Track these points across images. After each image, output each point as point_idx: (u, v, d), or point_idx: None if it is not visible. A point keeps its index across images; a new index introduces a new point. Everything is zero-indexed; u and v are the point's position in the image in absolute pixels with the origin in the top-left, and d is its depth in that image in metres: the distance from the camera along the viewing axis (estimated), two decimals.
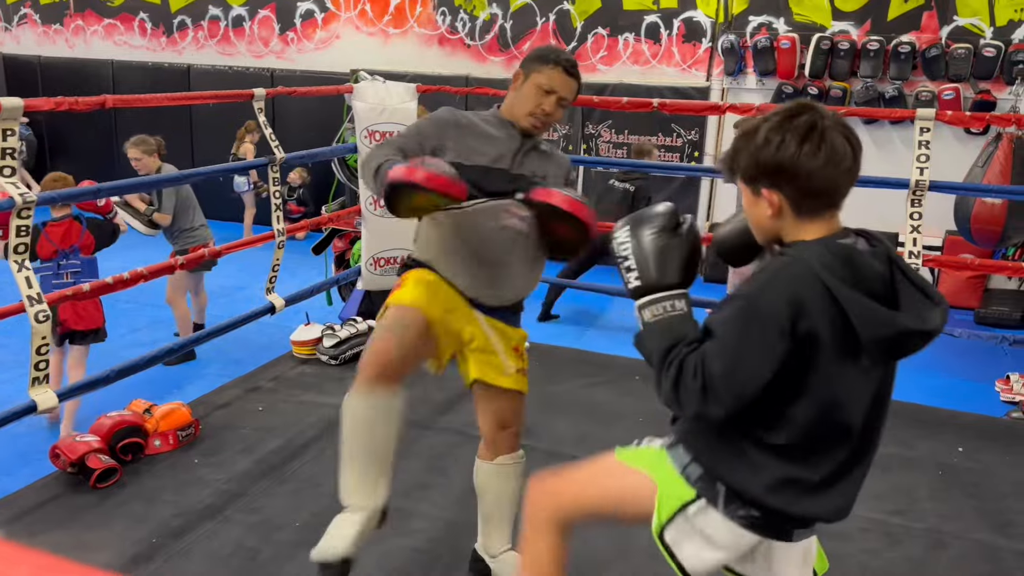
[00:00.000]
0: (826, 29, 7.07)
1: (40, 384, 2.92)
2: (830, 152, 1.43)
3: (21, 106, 2.69)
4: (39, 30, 9.85)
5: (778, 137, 1.44)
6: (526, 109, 2.41)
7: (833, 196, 1.49)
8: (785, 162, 1.44)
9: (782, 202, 1.49)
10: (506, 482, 2.60)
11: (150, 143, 4.79)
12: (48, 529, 2.99)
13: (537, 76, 2.39)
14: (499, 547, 2.66)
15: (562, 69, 2.38)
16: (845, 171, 1.46)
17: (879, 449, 1.68)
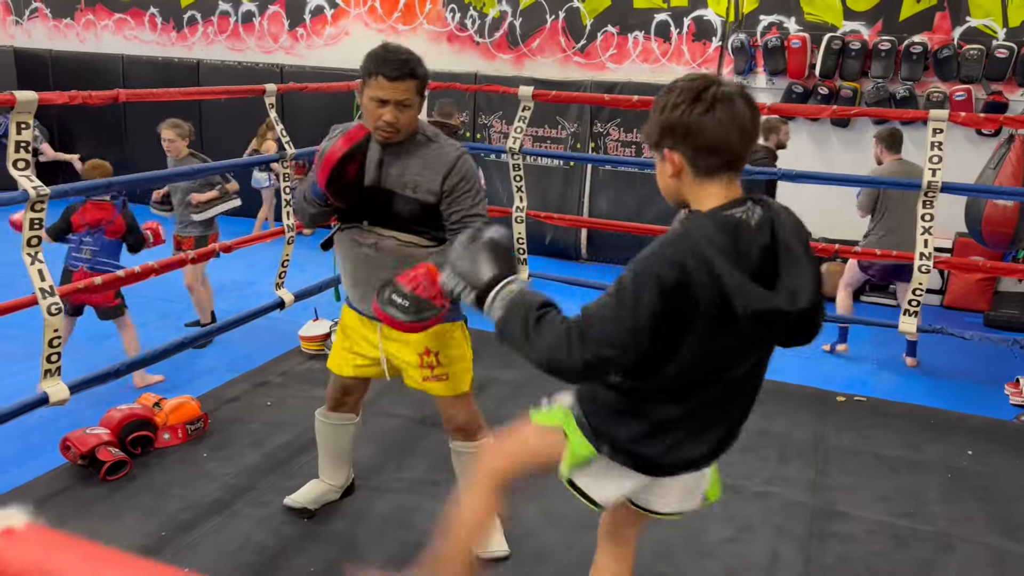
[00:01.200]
0: (837, 29, 7.03)
1: (52, 376, 2.93)
2: (723, 111, 1.52)
3: (36, 100, 2.70)
4: (50, 24, 9.87)
5: (676, 99, 1.55)
6: (370, 124, 2.40)
7: (727, 155, 1.57)
8: (681, 120, 1.54)
9: (682, 161, 1.58)
10: (459, 464, 2.85)
11: (183, 127, 4.95)
12: (57, 521, 3.00)
13: (368, 89, 2.36)
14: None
15: (383, 77, 2.32)
16: (738, 129, 1.54)
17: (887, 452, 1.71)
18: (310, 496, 3.10)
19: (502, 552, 2.82)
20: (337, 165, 2.34)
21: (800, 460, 3.70)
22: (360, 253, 2.58)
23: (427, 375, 2.70)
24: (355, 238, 2.57)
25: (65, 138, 9.56)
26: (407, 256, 2.52)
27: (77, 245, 4.25)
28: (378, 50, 2.41)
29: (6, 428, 3.17)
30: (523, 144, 4.53)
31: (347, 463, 3.16)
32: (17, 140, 2.69)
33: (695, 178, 1.59)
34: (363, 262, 2.59)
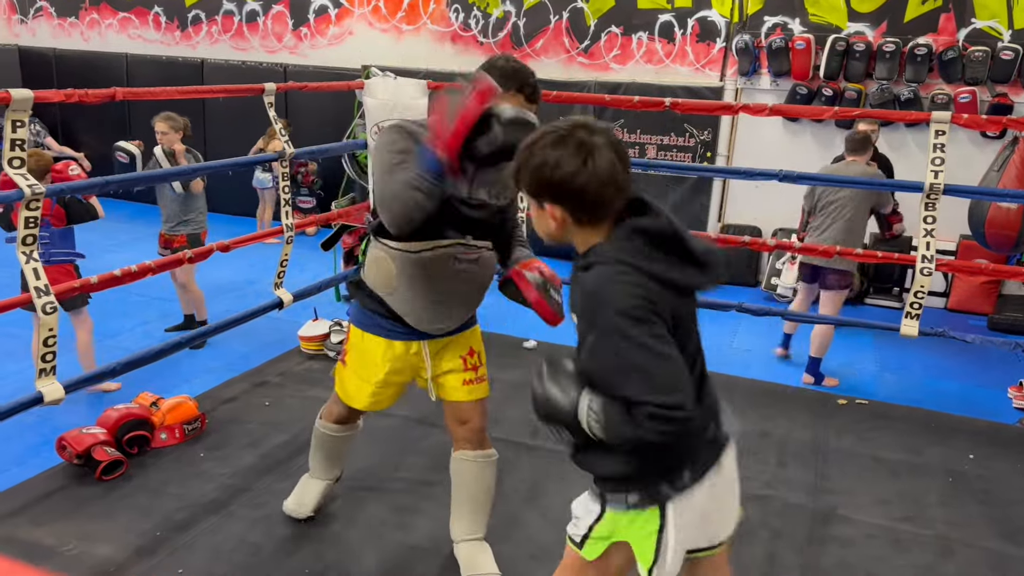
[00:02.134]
0: (842, 30, 7.00)
1: (47, 375, 2.92)
2: (600, 170, 1.56)
3: (31, 98, 2.69)
4: (54, 23, 9.89)
5: (554, 157, 1.57)
6: None
7: (607, 208, 1.62)
8: (561, 181, 1.58)
9: (564, 215, 1.62)
10: (467, 476, 2.74)
11: (177, 120, 4.94)
12: (53, 520, 3.00)
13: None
14: (457, 534, 2.79)
15: (525, 99, 2.25)
16: (615, 187, 1.59)
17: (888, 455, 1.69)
18: (313, 500, 3.01)
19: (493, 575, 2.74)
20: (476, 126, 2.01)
21: (800, 463, 3.68)
22: (461, 269, 2.43)
23: (471, 378, 2.64)
24: (458, 256, 2.40)
25: (68, 136, 9.57)
26: (491, 265, 2.53)
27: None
28: (512, 65, 2.27)
29: (4, 427, 3.17)
30: None
31: (344, 459, 3.08)
32: (13, 138, 2.68)
33: (578, 226, 1.65)
34: (462, 279, 2.45)
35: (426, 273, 2.40)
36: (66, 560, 2.76)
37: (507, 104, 2.14)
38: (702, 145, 7.70)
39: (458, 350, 2.63)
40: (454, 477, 2.76)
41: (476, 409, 2.68)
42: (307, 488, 3.04)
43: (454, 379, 2.63)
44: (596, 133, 1.59)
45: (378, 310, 2.53)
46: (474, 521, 2.77)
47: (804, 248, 4.53)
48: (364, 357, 2.61)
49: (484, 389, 2.69)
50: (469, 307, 2.60)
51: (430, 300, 2.45)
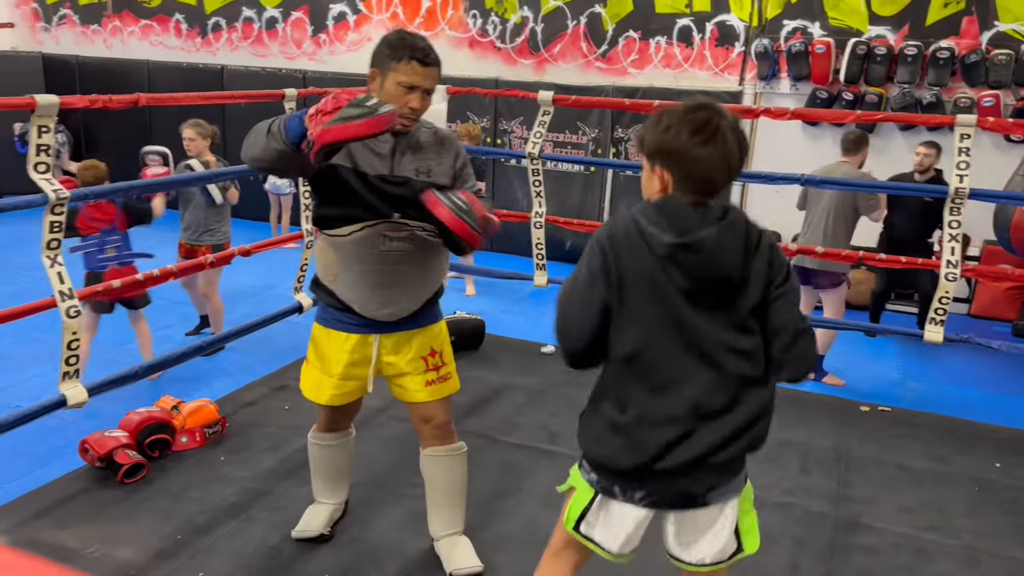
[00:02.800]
0: (862, 34, 6.95)
1: (70, 379, 2.94)
2: (717, 148, 1.65)
3: (57, 103, 2.72)
4: (78, 30, 10.01)
5: (677, 125, 1.67)
6: None
7: (710, 185, 1.69)
8: (677, 148, 1.67)
9: (669, 181, 1.71)
10: (439, 472, 2.77)
11: (205, 127, 4.99)
12: (76, 523, 3.02)
13: (395, 75, 2.30)
14: (436, 531, 2.84)
15: (418, 62, 2.29)
16: (726, 167, 1.67)
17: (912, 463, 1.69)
18: (318, 521, 2.95)
19: (475, 568, 2.74)
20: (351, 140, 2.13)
21: (822, 471, 3.64)
22: (389, 250, 2.43)
23: (432, 378, 2.63)
24: (384, 233, 2.41)
25: (90, 143, 9.67)
26: (431, 246, 2.48)
27: (100, 247, 4.26)
28: (401, 37, 2.33)
29: (29, 430, 3.19)
30: (543, 149, 4.50)
31: (347, 480, 3.02)
32: (38, 143, 2.71)
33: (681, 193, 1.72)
34: (391, 261, 2.44)
35: (359, 254, 2.43)
36: (88, 562, 2.77)
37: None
38: None
39: (418, 351, 2.61)
40: (426, 475, 2.78)
41: (440, 406, 2.69)
42: (313, 514, 2.98)
43: (416, 380, 2.62)
44: (724, 116, 1.67)
45: (332, 303, 2.57)
46: (452, 516, 2.81)
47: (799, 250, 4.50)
48: (324, 352, 2.62)
49: (448, 387, 2.69)
50: (415, 291, 2.54)
51: (370, 283, 2.46)
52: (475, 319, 5.07)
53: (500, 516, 3.17)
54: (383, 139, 2.37)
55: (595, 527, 1.88)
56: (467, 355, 4.92)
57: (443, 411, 2.70)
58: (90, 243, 4.22)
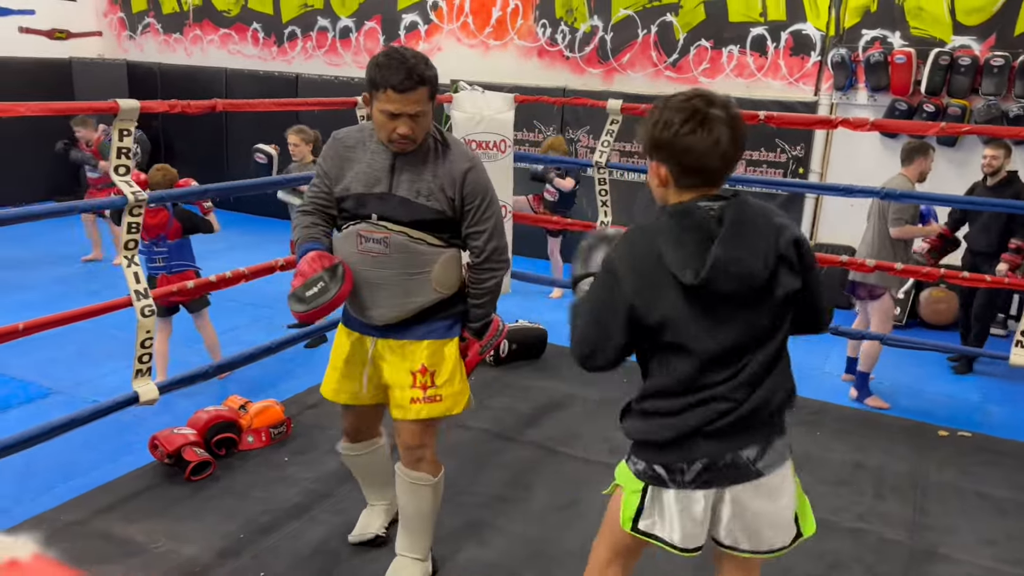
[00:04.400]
0: (945, 44, 6.70)
1: (143, 376, 3.01)
2: (707, 136, 1.66)
3: (137, 108, 2.80)
4: (160, 39, 10.37)
5: (666, 118, 1.69)
6: (383, 136, 2.33)
7: (706, 175, 1.72)
8: (667, 141, 1.70)
9: (667, 174, 1.74)
10: (403, 492, 2.67)
11: (308, 133, 5.21)
12: (144, 517, 3.09)
13: (378, 104, 2.27)
14: (397, 547, 2.75)
15: (392, 90, 2.22)
16: (719, 155, 1.69)
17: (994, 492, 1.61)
18: (374, 525, 2.98)
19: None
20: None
21: (897, 496, 3.49)
22: (366, 250, 2.41)
23: (418, 396, 2.51)
24: (361, 232, 2.40)
25: (169, 149, 10.01)
26: (416, 253, 2.41)
27: (149, 254, 4.38)
28: (381, 58, 2.27)
29: (104, 425, 3.28)
30: (610, 158, 4.46)
31: (391, 480, 2.81)
32: (119, 146, 2.79)
33: (677, 189, 1.76)
34: (369, 262, 2.41)
35: (343, 252, 2.46)
36: (154, 557, 2.83)
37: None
38: (794, 161, 7.49)
39: (408, 364, 2.52)
40: (398, 491, 2.70)
41: (414, 429, 2.56)
42: (369, 517, 3.02)
43: (400, 394, 2.53)
44: (714, 105, 1.68)
45: None
46: (411, 540, 2.71)
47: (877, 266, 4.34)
48: (334, 348, 2.69)
49: (435, 409, 2.53)
50: (398, 298, 2.45)
51: (356, 282, 2.44)
52: (538, 328, 5.04)
53: (559, 529, 3.12)
54: (382, 157, 2.39)
55: (654, 521, 1.84)
56: (530, 364, 4.89)
57: (415, 434, 2.57)
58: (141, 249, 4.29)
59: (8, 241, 7.22)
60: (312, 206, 2.51)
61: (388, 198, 2.38)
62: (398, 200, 2.37)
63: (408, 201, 2.37)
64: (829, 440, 3.98)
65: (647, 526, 1.84)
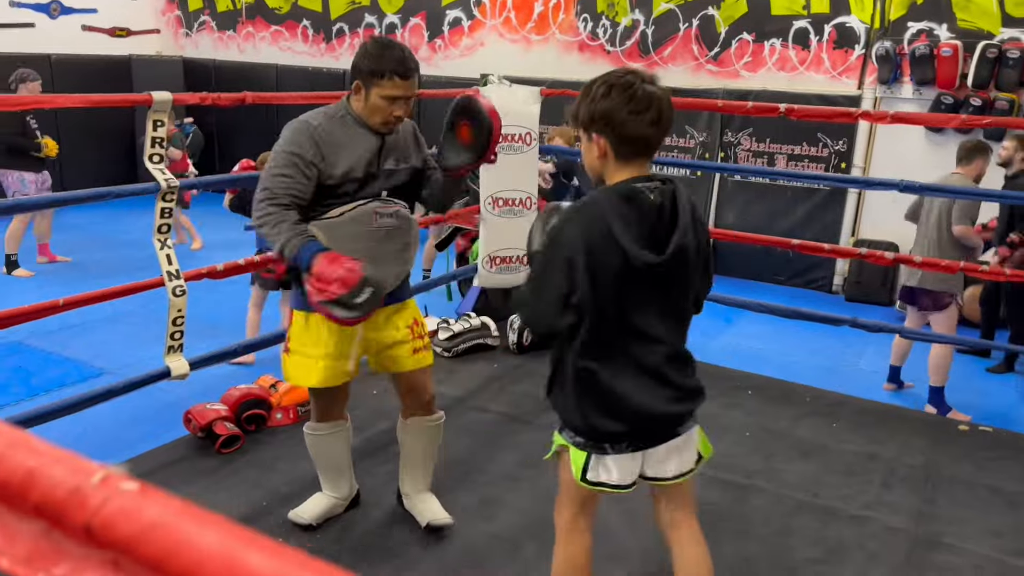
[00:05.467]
0: (994, 36, 6.56)
1: (174, 352, 3.21)
2: (642, 106, 1.79)
3: (170, 100, 2.99)
4: (215, 36, 10.74)
5: (604, 91, 1.82)
6: (378, 119, 2.52)
7: (644, 144, 1.86)
8: (607, 112, 1.81)
9: (606, 146, 1.85)
10: (416, 438, 2.97)
11: None
12: (175, 486, 3.28)
13: (378, 89, 2.46)
14: (409, 489, 3.06)
15: (399, 77, 2.45)
16: (653, 123, 1.82)
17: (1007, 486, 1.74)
18: (315, 512, 3.03)
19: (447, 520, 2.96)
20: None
21: (906, 487, 3.50)
22: (380, 227, 2.61)
23: (419, 346, 2.81)
24: (377, 210, 2.60)
25: (224, 144, 10.37)
26: (411, 221, 2.72)
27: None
28: (379, 49, 2.48)
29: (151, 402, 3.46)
30: None
31: (348, 473, 3.08)
32: (153, 136, 2.99)
33: (616, 161, 1.87)
34: (383, 236, 2.62)
35: (352, 232, 2.55)
36: None
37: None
38: (836, 156, 7.41)
39: (404, 320, 2.78)
40: (405, 441, 2.98)
41: (425, 376, 2.88)
42: (315, 502, 3.06)
43: (405, 349, 2.77)
44: (649, 81, 1.83)
45: None
46: (425, 477, 3.05)
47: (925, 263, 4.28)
48: (311, 336, 2.69)
49: (430, 356, 2.88)
50: (400, 267, 2.72)
51: (363, 259, 2.49)
52: None
53: None
54: (366, 140, 2.58)
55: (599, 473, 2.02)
56: None
57: (430, 382, 2.92)
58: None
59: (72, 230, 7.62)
60: (289, 199, 2.47)
61: (385, 174, 2.61)
62: (388, 172, 2.62)
63: (395, 171, 2.64)
64: (845, 431, 3.99)
65: (595, 477, 2.03)
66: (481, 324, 4.83)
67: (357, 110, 2.55)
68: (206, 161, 10.05)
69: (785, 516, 3.20)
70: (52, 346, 4.97)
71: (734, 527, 3.08)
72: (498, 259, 4.75)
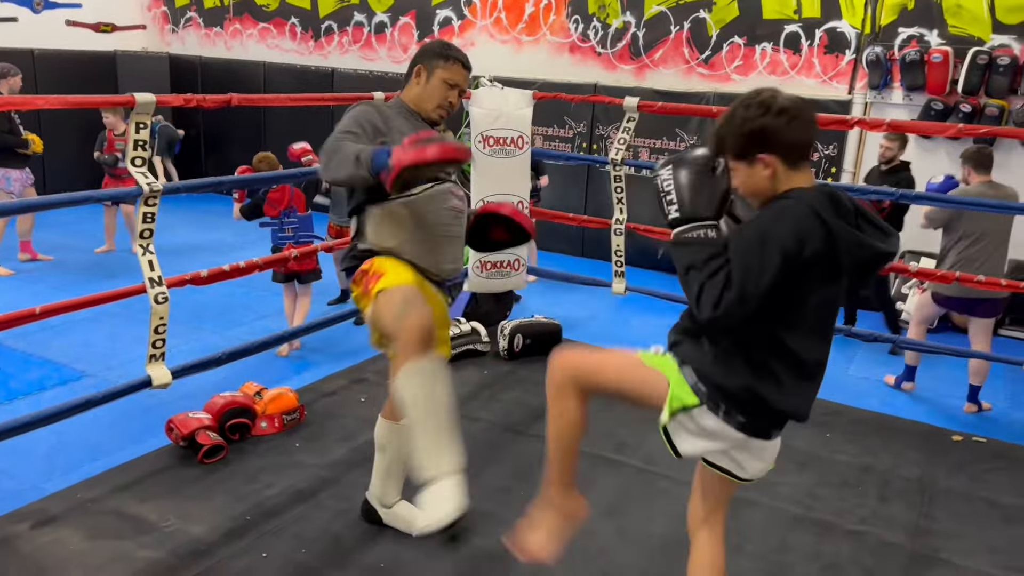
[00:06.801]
0: (984, 43, 6.55)
1: (156, 361, 3.12)
2: (795, 113, 1.82)
3: (153, 102, 2.90)
4: (202, 32, 10.60)
5: (753, 112, 1.82)
6: (434, 103, 2.65)
7: (808, 147, 1.88)
8: (767, 126, 1.81)
9: (775, 161, 1.83)
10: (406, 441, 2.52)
11: None
12: (156, 497, 3.20)
13: (441, 72, 2.62)
14: (393, 498, 2.98)
15: (462, 64, 2.65)
16: (810, 125, 1.85)
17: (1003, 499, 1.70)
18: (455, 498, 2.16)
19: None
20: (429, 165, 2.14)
21: (903, 500, 3.46)
22: (452, 207, 2.65)
23: (447, 335, 2.85)
24: (452, 191, 2.66)
25: (211, 144, 10.24)
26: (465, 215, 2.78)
27: (280, 227, 4.85)
28: (446, 44, 2.70)
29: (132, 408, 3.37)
30: (627, 156, 4.47)
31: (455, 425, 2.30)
32: (136, 139, 2.90)
33: (787, 171, 1.85)
34: (451, 218, 2.65)
35: (431, 210, 2.58)
36: (163, 535, 2.94)
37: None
38: (826, 160, 7.39)
39: (443, 309, 2.77)
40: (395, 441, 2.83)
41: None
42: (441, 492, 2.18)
43: (444, 334, 2.78)
44: (778, 92, 1.84)
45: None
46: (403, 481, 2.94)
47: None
48: (397, 269, 2.49)
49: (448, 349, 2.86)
50: (460, 248, 2.77)
51: (439, 236, 2.61)
52: (553, 323, 5.07)
53: None
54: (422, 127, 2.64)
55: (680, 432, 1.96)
56: (542, 359, 4.85)
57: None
58: (273, 223, 4.83)
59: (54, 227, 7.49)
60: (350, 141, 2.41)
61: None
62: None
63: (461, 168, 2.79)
64: (840, 442, 3.95)
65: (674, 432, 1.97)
66: (471, 329, 4.77)
67: (412, 96, 2.67)
68: (191, 162, 9.93)
69: (781, 531, 3.15)
70: (31, 347, 4.86)
71: (729, 542, 2.98)
72: (488, 263, 4.68)
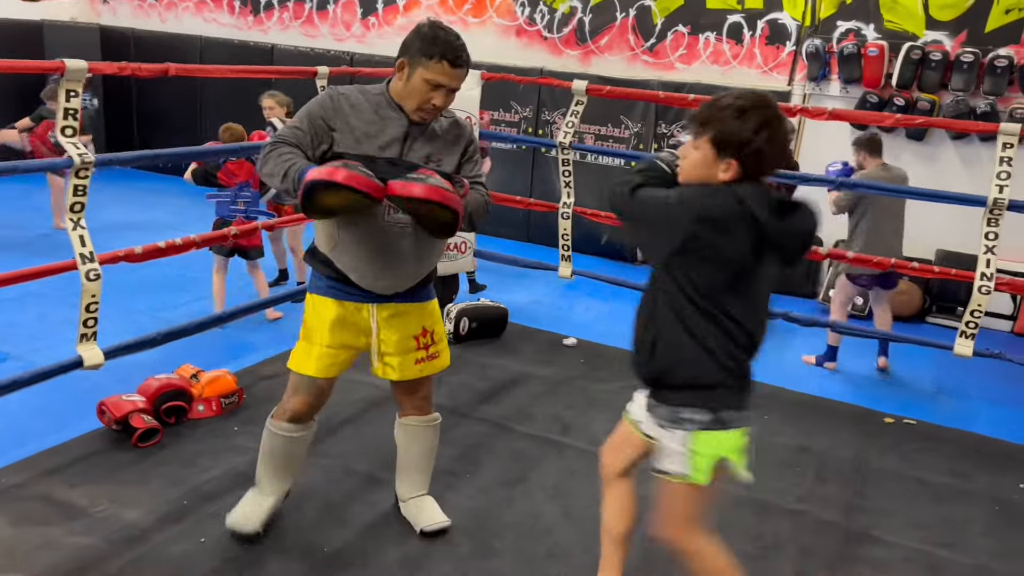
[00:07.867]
0: (918, 38, 6.75)
1: (88, 340, 3.00)
2: (781, 140, 1.92)
3: (85, 68, 2.77)
4: (135, 3, 10.21)
5: (750, 124, 1.87)
6: (414, 104, 2.38)
7: (773, 170, 1.98)
8: (751, 142, 1.87)
9: (737, 169, 1.91)
10: (414, 440, 2.91)
11: (282, 97, 5.54)
12: (87, 482, 3.09)
13: (423, 72, 2.32)
14: (404, 493, 2.99)
15: (449, 63, 2.31)
16: (784, 154, 1.96)
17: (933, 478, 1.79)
18: (260, 515, 2.79)
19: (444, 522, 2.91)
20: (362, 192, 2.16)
21: (838, 480, 3.55)
22: (392, 222, 2.44)
23: (422, 356, 2.70)
24: (389, 206, 2.42)
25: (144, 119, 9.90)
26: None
27: (232, 199, 4.78)
28: (435, 32, 2.34)
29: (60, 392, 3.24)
30: (580, 140, 4.46)
31: (295, 472, 2.90)
32: (66, 107, 2.77)
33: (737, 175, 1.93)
34: (392, 235, 2.46)
35: (363, 223, 2.43)
36: (95, 521, 2.83)
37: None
38: None
39: (410, 329, 2.65)
40: (403, 441, 2.92)
41: (425, 381, 2.81)
42: (255, 503, 2.82)
43: (407, 359, 2.68)
44: (778, 109, 1.91)
45: (328, 272, 2.57)
46: (422, 480, 2.98)
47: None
48: (316, 321, 2.61)
49: (435, 365, 2.77)
50: (412, 267, 2.56)
51: (369, 253, 2.47)
52: (499, 307, 5.06)
53: (503, 504, 3.16)
54: (396, 124, 2.42)
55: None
56: (488, 343, 4.91)
57: (428, 385, 2.84)
58: (224, 194, 4.73)
59: None
60: (291, 143, 2.37)
61: (400, 163, 2.40)
62: (410, 165, 2.40)
63: (416, 167, 2.39)
64: (778, 424, 4.03)
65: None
66: None
67: (395, 91, 2.42)
68: (123, 141, 9.58)
69: (721, 510, 3.19)
70: None
71: None
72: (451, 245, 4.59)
